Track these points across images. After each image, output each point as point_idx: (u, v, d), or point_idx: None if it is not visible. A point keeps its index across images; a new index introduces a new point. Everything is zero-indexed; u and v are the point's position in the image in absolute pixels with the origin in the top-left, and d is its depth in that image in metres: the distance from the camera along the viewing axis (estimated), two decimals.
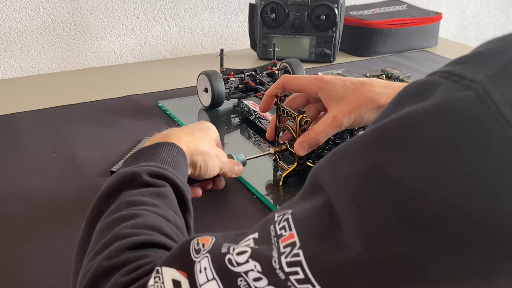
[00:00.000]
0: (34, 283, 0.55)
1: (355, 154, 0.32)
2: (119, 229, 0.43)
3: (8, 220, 0.65)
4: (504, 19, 2.09)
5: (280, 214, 0.34)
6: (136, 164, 0.53)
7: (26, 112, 0.97)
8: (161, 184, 0.50)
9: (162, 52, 1.41)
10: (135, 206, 0.47)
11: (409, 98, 0.32)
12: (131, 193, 0.48)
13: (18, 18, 1.20)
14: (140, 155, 0.56)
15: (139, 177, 0.50)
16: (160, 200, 0.49)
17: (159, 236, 0.43)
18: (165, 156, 0.55)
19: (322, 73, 1.21)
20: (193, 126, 0.65)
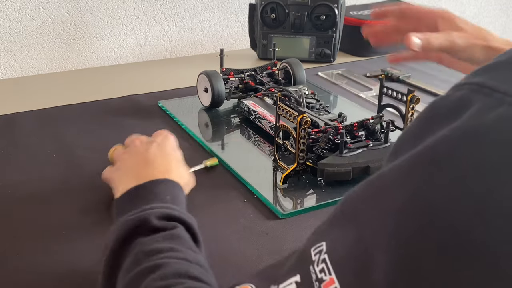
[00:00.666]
0: (34, 283, 0.55)
1: (392, 187, 0.30)
2: (148, 284, 0.43)
3: (8, 220, 0.65)
4: (504, 19, 2.09)
5: (316, 249, 0.33)
6: (137, 208, 0.52)
7: (26, 112, 0.97)
8: (172, 226, 0.50)
9: (162, 52, 1.40)
10: (155, 255, 0.46)
11: (441, 120, 0.30)
12: (145, 241, 0.47)
13: (18, 18, 1.20)
14: (136, 196, 0.55)
15: (149, 223, 0.49)
16: (176, 242, 0.48)
17: (189, 282, 0.43)
18: (162, 194, 0.54)
19: (322, 73, 1.21)
20: (162, 154, 0.64)
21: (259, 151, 0.83)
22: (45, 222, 0.65)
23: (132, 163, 0.62)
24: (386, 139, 0.76)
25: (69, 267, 0.57)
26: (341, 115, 0.82)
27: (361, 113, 0.98)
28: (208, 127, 0.94)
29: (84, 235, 0.62)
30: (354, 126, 0.77)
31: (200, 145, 0.85)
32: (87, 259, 0.58)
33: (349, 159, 0.71)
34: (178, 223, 0.50)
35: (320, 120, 0.80)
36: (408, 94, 0.76)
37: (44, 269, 0.57)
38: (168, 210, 0.51)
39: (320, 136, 0.74)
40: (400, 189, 0.30)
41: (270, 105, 0.91)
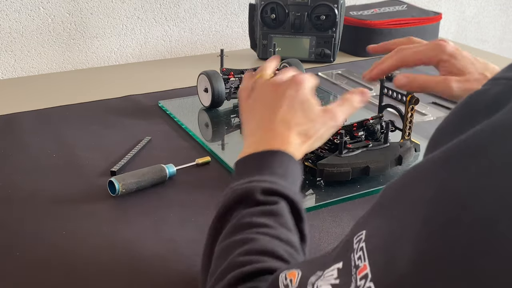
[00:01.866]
0: (35, 282, 0.55)
1: (426, 177, 0.31)
2: (233, 258, 0.44)
3: (8, 220, 0.65)
4: (504, 19, 2.09)
5: (357, 238, 0.34)
6: (249, 175, 0.52)
7: (26, 112, 0.97)
8: (274, 201, 0.50)
9: (162, 52, 1.41)
10: (248, 229, 0.47)
11: (478, 115, 0.31)
12: (244, 214, 0.48)
13: (18, 18, 1.21)
14: (249, 164, 0.54)
15: (252, 195, 0.49)
16: (272, 219, 0.48)
17: (270, 261, 0.44)
18: (275, 167, 0.53)
19: (322, 73, 1.21)
20: (291, 106, 0.59)
21: None
22: (45, 222, 0.65)
23: (266, 112, 0.59)
24: (386, 139, 0.76)
25: (69, 266, 0.57)
26: None
27: (361, 113, 0.98)
28: (208, 127, 0.94)
29: (84, 235, 0.62)
30: (353, 126, 0.77)
31: (200, 145, 0.85)
32: (87, 259, 0.58)
33: (349, 159, 0.71)
34: (283, 198, 0.50)
35: None
36: (408, 94, 0.77)
37: (44, 269, 0.57)
38: (274, 186, 0.50)
39: None
40: (433, 180, 0.30)
41: None
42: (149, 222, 0.65)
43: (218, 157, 0.81)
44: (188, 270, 0.57)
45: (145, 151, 0.83)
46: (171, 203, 0.69)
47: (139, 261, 0.58)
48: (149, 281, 0.55)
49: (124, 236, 0.62)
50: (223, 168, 0.78)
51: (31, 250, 0.60)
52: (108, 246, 0.60)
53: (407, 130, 0.79)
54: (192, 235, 0.63)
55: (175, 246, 0.61)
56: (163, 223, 0.65)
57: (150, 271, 0.57)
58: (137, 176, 0.71)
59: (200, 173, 0.77)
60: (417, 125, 0.92)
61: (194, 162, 0.78)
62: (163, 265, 0.58)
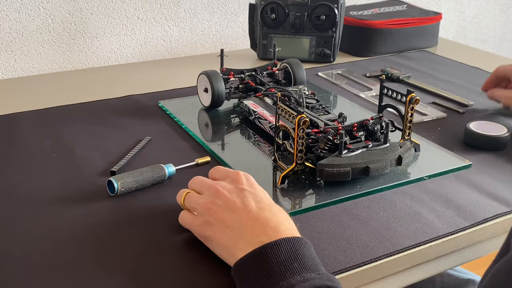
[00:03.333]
0: (34, 282, 0.55)
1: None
2: None
3: (8, 220, 0.65)
4: (504, 19, 2.09)
5: None
6: (269, 283, 0.49)
7: (26, 112, 0.97)
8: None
9: (162, 52, 1.41)
10: None
11: None
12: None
13: (18, 18, 1.21)
14: (260, 264, 0.51)
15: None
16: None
17: None
18: (292, 258, 0.51)
19: (322, 73, 1.21)
20: (262, 205, 0.58)
21: (259, 151, 0.84)
22: (45, 222, 0.65)
23: (233, 219, 0.56)
24: (386, 140, 0.76)
25: (69, 266, 0.57)
26: (341, 115, 0.82)
27: (361, 113, 0.98)
28: (208, 127, 0.94)
29: (84, 235, 0.62)
30: (353, 127, 0.77)
31: (200, 145, 0.85)
32: (87, 259, 0.58)
33: (349, 159, 0.71)
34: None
35: (320, 121, 0.80)
36: (408, 94, 0.77)
37: (44, 269, 0.57)
38: (307, 284, 0.48)
39: (319, 137, 0.74)
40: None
41: (270, 105, 0.91)
42: (149, 222, 0.65)
43: (218, 157, 0.81)
44: (188, 270, 0.57)
45: (145, 151, 0.83)
46: (170, 203, 0.69)
47: (139, 261, 0.58)
48: (149, 281, 0.55)
49: (123, 235, 0.62)
50: None
51: (31, 250, 0.60)
52: (107, 246, 0.61)
53: (407, 130, 0.79)
54: (192, 235, 0.63)
55: (174, 246, 0.61)
56: (162, 222, 0.65)
57: (149, 271, 0.57)
58: (136, 176, 0.71)
59: (200, 173, 0.76)
60: (417, 125, 0.93)
61: (194, 162, 0.78)
62: (162, 265, 0.58)
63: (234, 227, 0.56)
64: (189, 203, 0.62)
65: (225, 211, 0.57)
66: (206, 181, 0.63)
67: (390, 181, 0.74)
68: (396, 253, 0.61)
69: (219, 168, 0.66)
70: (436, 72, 1.22)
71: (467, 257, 0.69)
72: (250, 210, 0.57)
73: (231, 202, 0.58)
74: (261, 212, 0.56)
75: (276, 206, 0.59)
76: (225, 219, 0.57)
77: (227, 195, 0.59)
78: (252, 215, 0.56)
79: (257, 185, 0.62)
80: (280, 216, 0.57)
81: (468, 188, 0.74)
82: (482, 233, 0.67)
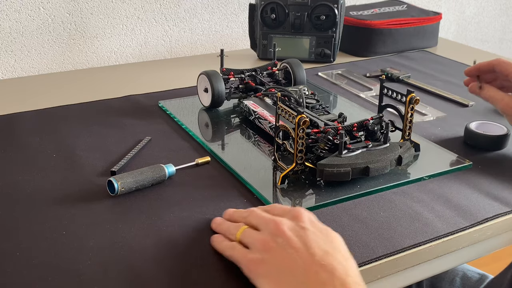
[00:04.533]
0: (34, 283, 0.55)
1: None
2: None
3: (8, 220, 0.65)
4: (504, 19, 2.09)
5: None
6: None
7: (26, 112, 0.97)
8: None
9: (162, 52, 1.41)
10: None
11: None
12: None
13: (18, 18, 1.21)
14: None
15: None
16: None
17: None
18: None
19: (322, 73, 1.21)
20: (326, 248, 0.53)
21: (259, 151, 0.84)
22: (45, 222, 0.65)
23: (295, 262, 0.51)
24: (386, 140, 0.76)
25: (69, 266, 0.57)
26: (341, 115, 0.82)
27: (361, 113, 0.98)
28: (208, 127, 0.94)
29: (84, 235, 0.62)
30: (353, 127, 0.77)
31: (200, 145, 0.85)
32: (87, 259, 0.58)
33: (349, 159, 0.71)
34: None
35: (320, 121, 0.80)
36: (408, 94, 0.77)
37: (44, 269, 0.57)
38: None
39: (319, 137, 0.74)
40: None
41: (270, 105, 0.91)
42: (149, 222, 0.65)
43: (218, 157, 0.81)
44: (188, 270, 0.57)
45: (145, 151, 0.83)
46: (170, 202, 0.69)
47: (139, 261, 0.58)
48: (149, 281, 0.55)
49: (123, 235, 0.62)
50: (223, 168, 0.78)
51: (31, 250, 0.60)
52: (107, 246, 0.61)
53: (407, 130, 0.79)
54: (192, 235, 0.63)
55: (174, 245, 0.61)
56: (162, 222, 0.65)
57: (149, 271, 0.57)
58: (136, 176, 0.71)
59: (200, 173, 0.77)
60: (417, 125, 0.93)
61: (194, 162, 0.78)
62: (162, 265, 0.58)
63: (295, 271, 0.51)
64: (244, 237, 0.57)
65: (286, 251, 0.52)
66: (265, 215, 0.58)
67: (390, 181, 0.74)
68: (396, 253, 0.61)
69: (277, 206, 0.61)
70: (436, 72, 1.22)
71: (467, 257, 0.70)
72: (313, 254, 0.51)
73: (293, 242, 0.53)
74: (326, 257, 0.51)
75: (341, 250, 0.54)
76: (285, 259, 0.52)
77: (288, 234, 0.54)
78: (316, 260, 0.51)
79: (320, 224, 0.56)
80: (345, 264, 0.52)
81: (468, 188, 0.74)
82: (482, 233, 0.67)
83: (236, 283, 0.56)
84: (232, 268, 0.57)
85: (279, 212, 0.59)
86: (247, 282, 0.55)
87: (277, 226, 0.54)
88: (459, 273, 0.95)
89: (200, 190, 0.72)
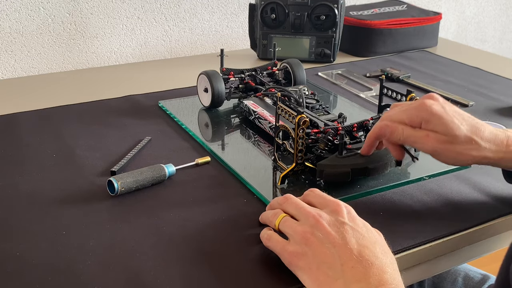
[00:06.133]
0: (34, 283, 0.55)
1: None
2: None
3: (8, 220, 0.65)
4: (504, 19, 2.09)
5: None
6: None
7: (26, 112, 0.97)
8: None
9: (162, 52, 1.41)
10: None
11: None
12: None
13: (18, 18, 1.21)
14: None
15: None
16: None
17: None
18: None
19: (322, 73, 1.21)
20: (365, 247, 0.53)
21: (259, 151, 0.84)
22: (45, 222, 0.65)
23: (333, 256, 0.52)
24: None
25: (70, 266, 0.57)
26: (341, 115, 0.82)
27: (361, 113, 0.98)
28: (208, 127, 0.94)
29: (84, 235, 0.62)
30: (353, 127, 0.77)
31: (200, 145, 0.85)
32: (87, 259, 0.58)
33: (348, 160, 0.71)
34: None
35: (320, 121, 0.80)
36: (407, 94, 0.77)
37: (44, 269, 0.57)
38: None
39: (319, 137, 0.74)
40: None
41: (270, 105, 0.91)
42: (149, 222, 0.65)
43: (218, 157, 0.81)
44: (188, 270, 0.57)
45: (145, 151, 0.83)
46: (170, 202, 0.69)
47: (139, 261, 0.58)
48: (149, 281, 0.55)
49: (123, 235, 0.62)
50: (223, 168, 0.78)
51: (31, 250, 0.60)
52: (107, 246, 0.61)
53: None
54: (192, 235, 0.63)
55: (174, 245, 0.61)
56: (162, 222, 0.65)
57: (149, 271, 0.57)
58: (136, 176, 0.71)
59: (200, 173, 0.77)
60: None
61: (194, 162, 0.78)
62: (162, 265, 0.58)
63: (333, 265, 0.52)
64: (284, 227, 0.58)
65: (325, 246, 0.53)
66: (305, 207, 0.58)
67: (390, 181, 0.74)
68: (396, 253, 0.61)
69: (317, 192, 0.61)
70: (436, 72, 1.22)
71: (467, 257, 0.70)
72: (351, 249, 0.52)
73: (331, 237, 0.54)
74: (364, 253, 0.52)
75: (380, 245, 0.54)
76: (323, 253, 0.53)
77: (328, 228, 0.54)
78: (354, 255, 0.52)
79: (359, 219, 0.57)
80: (383, 259, 0.52)
81: (468, 188, 0.74)
82: (482, 233, 0.67)
83: (236, 283, 0.56)
84: (232, 268, 0.57)
85: (317, 201, 0.59)
86: (247, 282, 0.55)
87: (317, 221, 0.55)
88: (461, 273, 0.95)
89: (200, 190, 0.72)
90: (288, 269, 0.56)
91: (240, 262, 0.59)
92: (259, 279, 0.56)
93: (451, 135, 0.63)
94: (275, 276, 0.56)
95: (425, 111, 0.63)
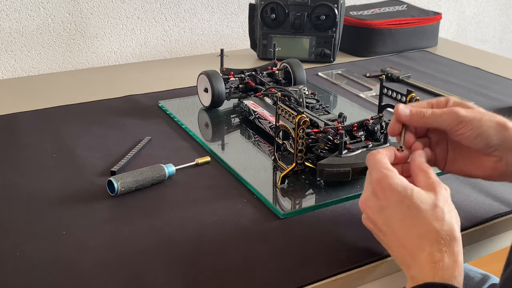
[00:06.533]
0: (34, 283, 0.55)
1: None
2: None
3: (8, 220, 0.65)
4: (504, 19, 2.09)
5: None
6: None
7: (26, 112, 0.97)
8: None
9: (162, 52, 1.41)
10: None
11: None
12: None
13: (18, 18, 1.21)
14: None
15: None
16: None
17: None
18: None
19: (322, 73, 1.21)
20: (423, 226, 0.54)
21: (259, 151, 0.84)
22: (45, 222, 0.65)
23: (388, 248, 0.57)
24: (386, 140, 0.76)
25: (69, 266, 0.57)
26: (341, 115, 0.82)
27: (361, 113, 0.98)
28: (208, 127, 0.94)
29: (84, 235, 0.62)
30: (353, 127, 0.77)
31: (200, 145, 0.85)
32: (87, 259, 0.58)
33: (349, 159, 0.71)
34: None
35: (320, 121, 0.80)
36: (407, 94, 0.77)
37: (44, 269, 0.57)
38: None
39: (319, 137, 0.74)
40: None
41: (270, 105, 0.91)
42: (148, 222, 0.65)
43: (218, 157, 0.81)
44: (188, 270, 0.57)
45: (145, 151, 0.83)
46: (170, 202, 0.69)
47: (139, 261, 0.58)
48: (149, 281, 0.55)
49: (123, 235, 0.62)
50: (223, 168, 0.78)
51: (31, 250, 0.60)
52: (108, 246, 0.61)
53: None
54: (192, 235, 0.63)
55: (174, 245, 0.61)
56: (162, 222, 0.65)
57: (149, 271, 0.57)
58: (136, 176, 0.71)
59: (200, 173, 0.77)
60: None
61: (194, 162, 0.78)
62: (162, 265, 0.58)
63: (393, 254, 0.56)
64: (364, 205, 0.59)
65: (379, 238, 0.58)
66: (367, 196, 0.58)
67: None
68: None
69: (383, 183, 0.57)
70: (436, 72, 1.22)
71: (467, 257, 0.69)
72: (397, 234, 0.55)
73: (376, 230, 0.58)
74: (405, 236, 0.54)
75: (419, 215, 0.54)
76: (383, 243, 0.58)
77: (369, 226, 0.59)
78: (401, 241, 0.54)
79: (395, 194, 0.55)
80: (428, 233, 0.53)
81: (468, 188, 0.74)
82: (482, 233, 0.67)
83: (236, 283, 0.56)
84: (232, 268, 0.57)
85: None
86: (246, 282, 0.55)
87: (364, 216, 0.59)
88: None
89: (200, 190, 0.72)
90: (288, 269, 0.56)
91: (240, 262, 0.59)
92: (259, 279, 0.56)
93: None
94: (276, 276, 0.56)
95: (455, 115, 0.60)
